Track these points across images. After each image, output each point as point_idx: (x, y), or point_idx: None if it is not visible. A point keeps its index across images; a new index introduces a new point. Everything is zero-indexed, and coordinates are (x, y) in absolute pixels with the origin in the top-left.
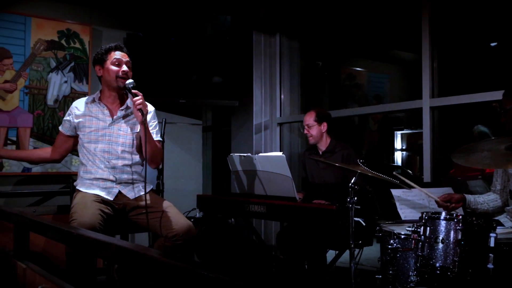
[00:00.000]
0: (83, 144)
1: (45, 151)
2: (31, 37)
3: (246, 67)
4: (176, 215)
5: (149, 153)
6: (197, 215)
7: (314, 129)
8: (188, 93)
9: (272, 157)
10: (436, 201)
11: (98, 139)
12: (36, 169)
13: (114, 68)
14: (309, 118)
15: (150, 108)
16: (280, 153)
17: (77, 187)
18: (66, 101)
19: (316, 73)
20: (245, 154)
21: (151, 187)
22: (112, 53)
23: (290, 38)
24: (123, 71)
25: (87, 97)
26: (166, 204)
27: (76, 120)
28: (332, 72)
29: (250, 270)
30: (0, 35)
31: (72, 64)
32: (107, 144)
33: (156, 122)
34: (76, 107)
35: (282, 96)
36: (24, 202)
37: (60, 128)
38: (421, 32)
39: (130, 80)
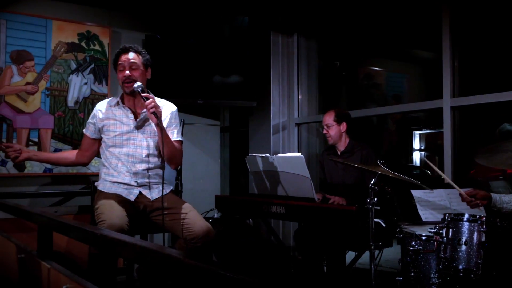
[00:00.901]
0: (107, 148)
1: (73, 154)
2: (52, 40)
3: (264, 68)
4: (196, 218)
5: (167, 154)
6: (215, 216)
7: (333, 129)
8: (206, 94)
9: (290, 158)
10: (461, 194)
11: (123, 143)
12: (57, 169)
13: (119, 74)
14: (329, 118)
15: (172, 108)
16: (298, 154)
17: (98, 188)
18: (86, 103)
19: (334, 73)
20: (263, 155)
21: (171, 188)
22: (120, 57)
23: (307, 38)
24: (125, 76)
25: (109, 99)
26: (186, 206)
27: (100, 123)
28: (350, 72)
29: (268, 271)
30: (22, 38)
31: (92, 66)
32: (132, 148)
33: (177, 122)
34: (99, 110)
35: (300, 96)
36: (45, 203)
37: (84, 131)
38: (441, 30)
39: (137, 84)
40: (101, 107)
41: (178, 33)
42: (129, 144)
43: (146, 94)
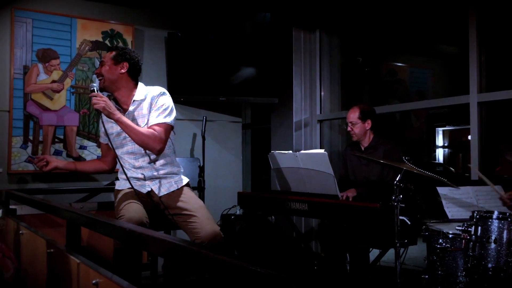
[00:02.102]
0: (114, 150)
1: (95, 162)
2: (76, 38)
3: (286, 64)
4: (204, 220)
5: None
6: (237, 213)
7: (358, 127)
8: (228, 91)
9: (313, 155)
10: (501, 198)
11: (122, 143)
12: None
13: None
14: (353, 116)
15: (154, 92)
16: (322, 151)
17: (115, 187)
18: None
19: (356, 69)
20: (286, 152)
21: (186, 181)
22: None
23: (330, 34)
24: (96, 73)
25: None
26: (196, 207)
27: (103, 129)
28: (372, 67)
29: (291, 268)
30: (48, 36)
31: None
32: (131, 145)
33: (160, 104)
34: (102, 115)
35: (322, 93)
36: (71, 199)
37: (100, 139)
38: (468, 23)
39: (92, 84)
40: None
41: (200, 30)
42: (127, 142)
43: (93, 93)
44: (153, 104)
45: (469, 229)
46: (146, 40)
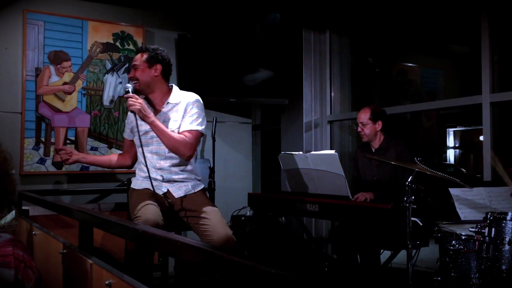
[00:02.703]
0: (137, 147)
1: (116, 157)
2: (88, 40)
3: (296, 65)
4: (216, 224)
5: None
6: (248, 214)
7: (369, 128)
8: (238, 92)
9: (324, 155)
10: None
11: (147, 142)
12: (93, 167)
13: None
14: (364, 116)
15: (189, 98)
16: (332, 151)
17: (131, 186)
18: (121, 102)
19: (366, 70)
20: (297, 153)
21: (202, 186)
22: None
23: (340, 34)
24: (129, 78)
25: None
26: (210, 210)
27: (131, 124)
28: (383, 68)
29: (301, 269)
30: (59, 38)
31: (127, 65)
32: (156, 146)
33: (194, 111)
34: (130, 111)
35: (332, 94)
36: (82, 200)
37: (124, 134)
38: (480, 23)
39: (127, 85)
40: None
41: (210, 31)
42: (153, 142)
43: (128, 94)
44: (187, 110)
45: (482, 230)
46: (156, 41)
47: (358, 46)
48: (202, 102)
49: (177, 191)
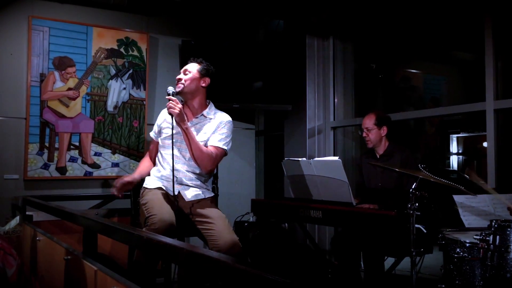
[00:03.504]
0: (160, 149)
1: (149, 163)
2: (92, 46)
3: (299, 71)
4: (222, 230)
5: (192, 156)
6: (251, 219)
7: (374, 133)
8: (241, 98)
9: (328, 162)
10: (509, 207)
11: (170, 145)
12: (96, 173)
13: None
14: (369, 122)
15: (224, 118)
16: (336, 158)
17: (144, 185)
18: (125, 107)
19: (370, 76)
20: (300, 159)
21: (212, 195)
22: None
23: (343, 41)
24: (177, 79)
25: None
26: (217, 216)
27: (160, 125)
28: (386, 74)
29: (305, 275)
30: (64, 44)
31: (131, 71)
32: (177, 150)
33: (225, 131)
34: (161, 112)
35: (335, 100)
36: (85, 205)
37: (151, 134)
38: (483, 30)
39: (169, 87)
40: (164, 110)
41: (214, 38)
42: (176, 146)
43: (169, 96)
44: (220, 127)
45: (487, 238)
46: (161, 47)
47: (361, 52)
48: (233, 125)
49: (189, 195)
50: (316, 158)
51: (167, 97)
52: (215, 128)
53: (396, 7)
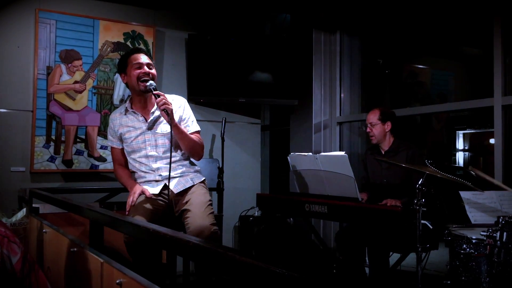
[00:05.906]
0: (129, 155)
1: (123, 170)
2: (99, 39)
3: (306, 66)
4: (196, 215)
5: (185, 149)
6: (256, 214)
7: (378, 128)
8: (247, 92)
9: (334, 157)
10: None
11: (140, 147)
12: (103, 166)
13: (135, 71)
14: (373, 117)
15: (181, 101)
16: (342, 153)
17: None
18: None
19: (377, 71)
20: (306, 154)
21: (201, 179)
22: (132, 57)
23: (350, 35)
24: (143, 72)
25: (118, 108)
26: (197, 201)
27: (118, 132)
28: (393, 69)
29: (310, 270)
30: (70, 37)
31: None
32: (149, 149)
33: (190, 113)
34: (113, 120)
35: (342, 95)
36: (91, 198)
37: (110, 144)
38: (491, 26)
39: (150, 82)
40: (113, 117)
41: (220, 32)
42: (146, 146)
43: (157, 92)
44: (184, 112)
45: (494, 234)
46: (167, 41)
47: (368, 47)
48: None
49: (177, 186)
50: (322, 153)
51: (155, 92)
52: (181, 113)
53: (403, 2)
